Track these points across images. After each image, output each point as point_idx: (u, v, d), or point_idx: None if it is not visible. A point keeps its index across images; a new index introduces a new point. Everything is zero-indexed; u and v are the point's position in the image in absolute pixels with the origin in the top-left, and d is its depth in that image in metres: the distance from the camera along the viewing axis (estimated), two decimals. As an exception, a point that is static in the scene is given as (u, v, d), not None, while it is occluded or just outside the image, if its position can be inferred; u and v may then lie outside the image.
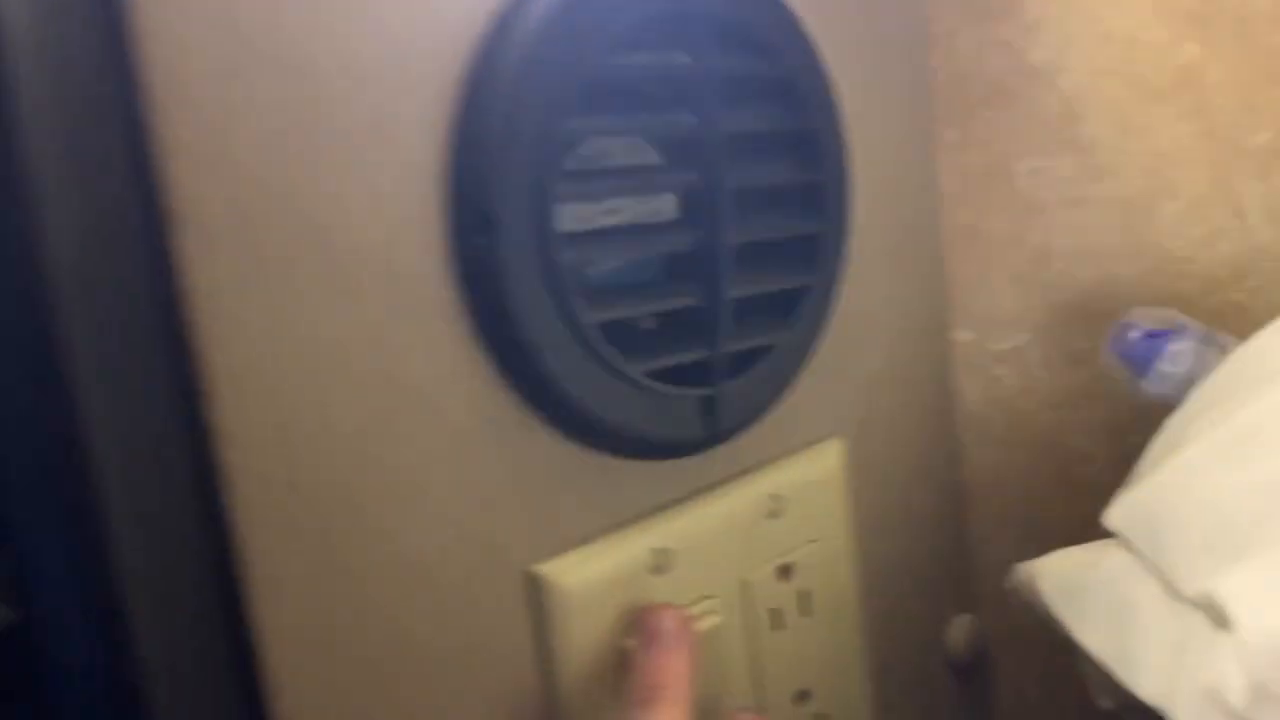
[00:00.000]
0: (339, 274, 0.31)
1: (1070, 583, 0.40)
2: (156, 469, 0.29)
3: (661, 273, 0.40)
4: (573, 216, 0.37)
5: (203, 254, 0.28)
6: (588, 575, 0.37)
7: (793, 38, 0.41)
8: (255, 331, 0.30)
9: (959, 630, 0.53)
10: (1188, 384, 0.44)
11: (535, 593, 0.37)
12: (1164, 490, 0.37)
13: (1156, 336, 0.45)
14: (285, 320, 0.30)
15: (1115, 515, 0.39)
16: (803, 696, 0.44)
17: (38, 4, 0.25)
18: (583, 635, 0.37)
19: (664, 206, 0.40)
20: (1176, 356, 0.44)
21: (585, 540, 0.38)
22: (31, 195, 0.26)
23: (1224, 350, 0.45)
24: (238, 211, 0.29)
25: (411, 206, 0.33)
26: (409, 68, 0.32)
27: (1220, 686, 0.32)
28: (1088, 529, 0.41)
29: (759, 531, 0.43)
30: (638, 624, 0.35)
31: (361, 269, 0.32)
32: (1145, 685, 0.35)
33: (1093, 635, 0.38)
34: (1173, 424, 0.41)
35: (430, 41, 0.32)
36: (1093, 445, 0.53)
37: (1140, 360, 0.45)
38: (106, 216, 0.27)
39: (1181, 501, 0.36)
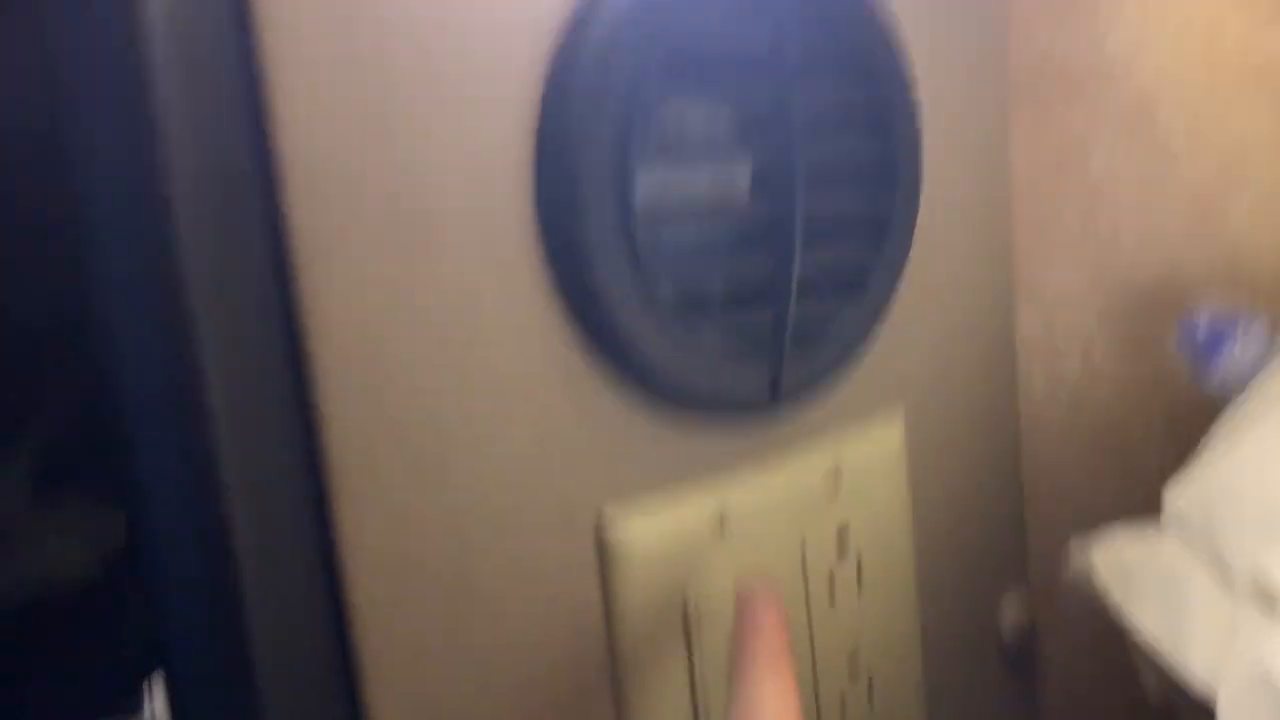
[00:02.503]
0: (430, 229, 0.33)
1: (1125, 565, 0.41)
2: (261, 420, 0.30)
3: (734, 235, 0.41)
4: (651, 183, 0.38)
5: (311, 213, 0.30)
6: (651, 533, 0.39)
7: (871, 17, 0.41)
8: (351, 285, 0.32)
9: (1009, 608, 0.54)
10: (1253, 375, 0.44)
11: (602, 545, 0.38)
12: (1221, 474, 0.38)
13: (1223, 326, 0.45)
14: (380, 275, 0.32)
15: (1172, 497, 0.39)
16: (854, 662, 0.45)
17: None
18: (646, 590, 0.38)
19: (739, 173, 0.41)
20: (1243, 347, 0.44)
21: (649, 498, 0.39)
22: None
23: (1291, 342, 0.45)
24: (341, 176, 0.31)
25: (502, 169, 0.34)
26: (504, 42, 0.33)
27: (1271, 667, 0.33)
28: (1144, 518, 0.41)
29: (817, 501, 0.44)
30: (737, 608, 0.37)
31: (452, 227, 0.34)
32: (1195, 666, 0.36)
33: (1145, 617, 0.38)
34: (1236, 411, 0.42)
35: (523, 14, 0.34)
36: (1152, 434, 0.53)
37: (1206, 350, 0.46)
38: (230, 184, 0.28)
39: (1238, 485, 0.37)
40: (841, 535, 0.44)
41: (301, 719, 0.32)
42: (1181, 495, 0.38)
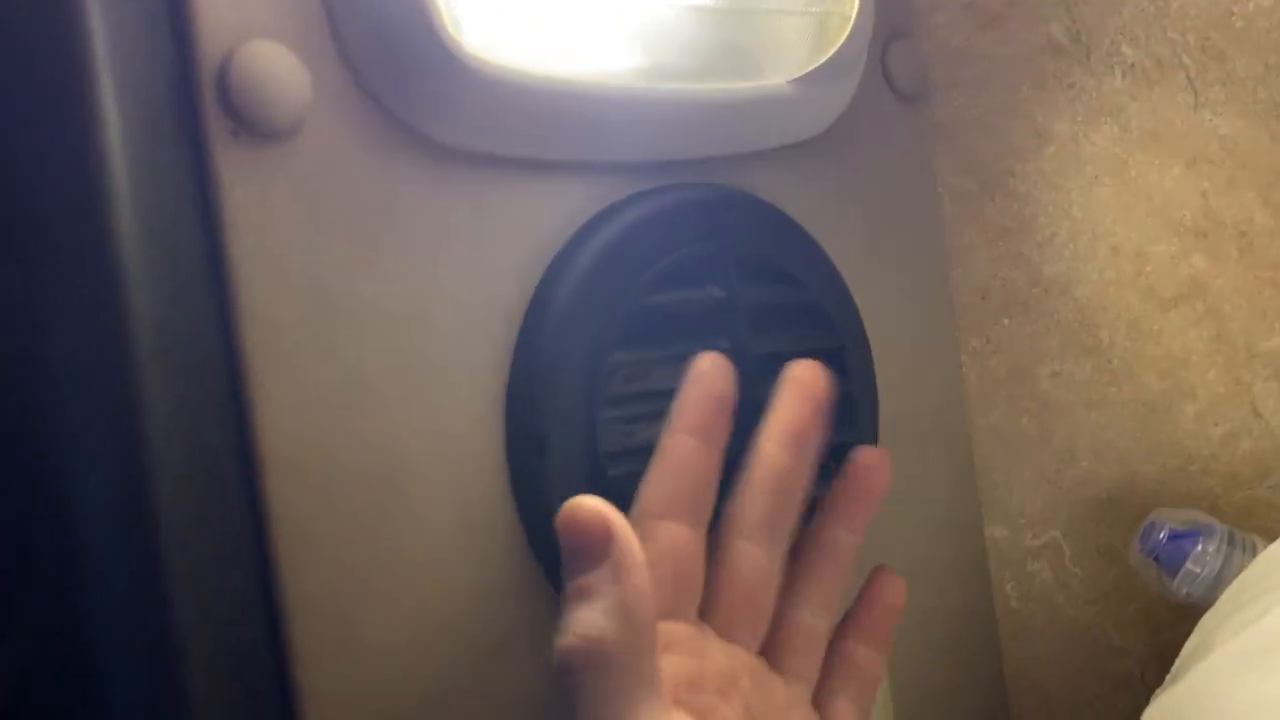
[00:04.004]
0: (408, 500, 0.34)
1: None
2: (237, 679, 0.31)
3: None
4: (618, 433, 0.40)
5: (289, 489, 0.31)
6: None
7: (817, 265, 0.44)
8: (328, 550, 0.33)
9: (1007, 832, 0.53)
10: (1217, 584, 0.45)
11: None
12: (1191, 696, 0.38)
13: (1182, 537, 0.47)
14: (356, 542, 0.33)
15: (1149, 720, 0.39)
16: None
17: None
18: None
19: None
20: (1203, 557, 0.46)
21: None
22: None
23: (1250, 549, 0.46)
24: (320, 449, 0.32)
25: (475, 435, 0.36)
26: (473, 317, 0.36)
27: None
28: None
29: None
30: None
31: (429, 494, 0.35)
32: None
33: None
34: (1205, 625, 0.42)
35: (490, 292, 0.36)
36: (1129, 641, 0.53)
37: (1168, 561, 0.47)
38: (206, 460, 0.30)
39: (1207, 709, 0.37)
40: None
41: None
42: (1156, 718, 0.39)
